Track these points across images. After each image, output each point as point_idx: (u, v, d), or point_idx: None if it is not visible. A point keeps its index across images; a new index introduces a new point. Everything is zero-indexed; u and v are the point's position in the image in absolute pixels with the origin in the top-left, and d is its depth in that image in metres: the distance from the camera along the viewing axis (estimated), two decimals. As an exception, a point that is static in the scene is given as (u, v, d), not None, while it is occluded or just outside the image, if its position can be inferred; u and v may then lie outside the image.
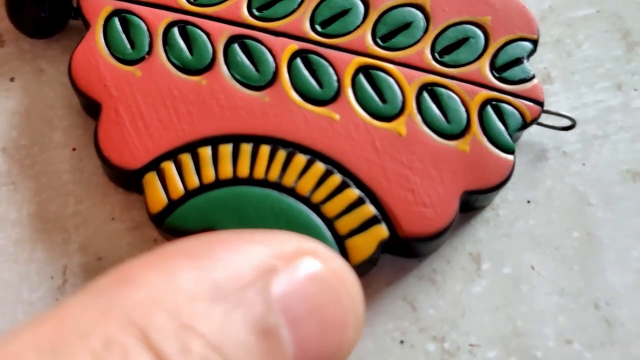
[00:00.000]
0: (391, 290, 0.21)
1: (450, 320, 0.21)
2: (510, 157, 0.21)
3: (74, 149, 0.23)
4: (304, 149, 0.21)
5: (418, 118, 0.21)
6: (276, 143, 0.21)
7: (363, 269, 0.20)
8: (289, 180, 0.20)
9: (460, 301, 0.21)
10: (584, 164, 0.22)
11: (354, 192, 0.20)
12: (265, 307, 0.13)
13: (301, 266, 0.14)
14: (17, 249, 0.21)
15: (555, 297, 0.21)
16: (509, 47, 0.22)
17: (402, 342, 0.21)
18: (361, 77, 0.22)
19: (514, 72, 0.22)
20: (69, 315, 0.12)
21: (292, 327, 0.13)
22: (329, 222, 0.20)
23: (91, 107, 0.22)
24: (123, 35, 0.22)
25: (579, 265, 0.21)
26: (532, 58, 0.22)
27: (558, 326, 0.21)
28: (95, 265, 0.21)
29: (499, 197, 0.22)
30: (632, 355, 0.20)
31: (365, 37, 0.22)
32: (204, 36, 0.22)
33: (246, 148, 0.21)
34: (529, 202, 0.22)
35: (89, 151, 0.22)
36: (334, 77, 0.22)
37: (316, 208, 0.20)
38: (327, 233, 0.20)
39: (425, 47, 0.22)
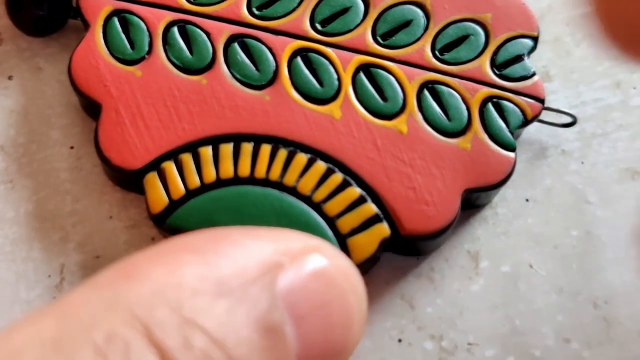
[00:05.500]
0: (390, 289, 0.21)
1: (449, 319, 0.21)
2: (511, 154, 0.21)
3: (72, 148, 0.23)
4: (305, 148, 0.21)
5: (419, 116, 0.21)
6: (277, 142, 0.21)
7: (364, 268, 0.20)
8: (290, 179, 0.20)
9: (458, 300, 0.21)
10: (583, 163, 0.22)
11: (355, 191, 0.20)
12: (270, 304, 0.13)
13: (307, 263, 0.14)
14: (14, 248, 0.21)
15: (554, 296, 0.21)
16: (509, 45, 0.22)
17: (400, 340, 0.21)
18: (362, 76, 0.22)
19: (515, 70, 0.22)
20: (72, 309, 0.12)
21: (297, 324, 0.13)
22: (331, 221, 0.20)
23: (91, 108, 0.22)
24: (123, 36, 0.22)
25: (578, 264, 0.21)
26: (531, 56, 0.22)
27: (557, 325, 0.21)
28: (93, 264, 0.21)
29: (498, 196, 0.22)
30: (631, 354, 0.20)
31: (365, 35, 0.22)
32: (204, 36, 0.22)
33: (247, 148, 0.21)
34: (527, 200, 0.22)
35: (87, 150, 0.22)
36: (335, 76, 0.22)
37: (318, 207, 0.20)
38: (329, 232, 0.20)
39: (426, 45, 0.22)
